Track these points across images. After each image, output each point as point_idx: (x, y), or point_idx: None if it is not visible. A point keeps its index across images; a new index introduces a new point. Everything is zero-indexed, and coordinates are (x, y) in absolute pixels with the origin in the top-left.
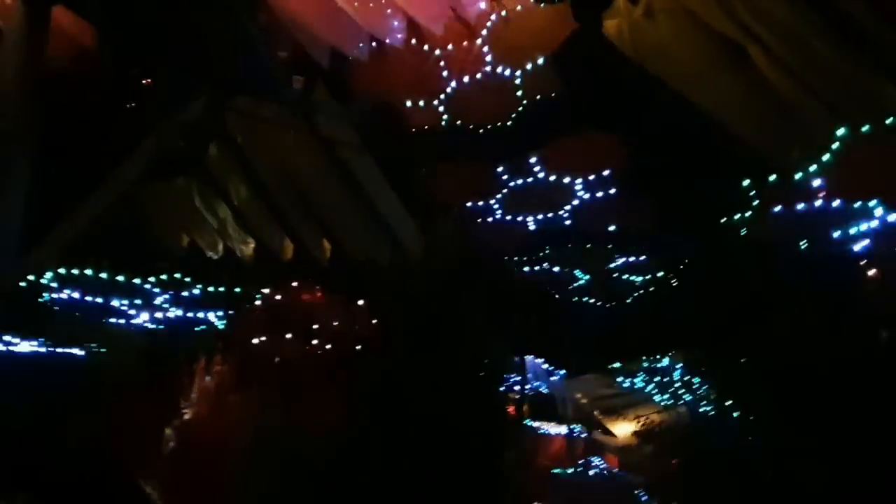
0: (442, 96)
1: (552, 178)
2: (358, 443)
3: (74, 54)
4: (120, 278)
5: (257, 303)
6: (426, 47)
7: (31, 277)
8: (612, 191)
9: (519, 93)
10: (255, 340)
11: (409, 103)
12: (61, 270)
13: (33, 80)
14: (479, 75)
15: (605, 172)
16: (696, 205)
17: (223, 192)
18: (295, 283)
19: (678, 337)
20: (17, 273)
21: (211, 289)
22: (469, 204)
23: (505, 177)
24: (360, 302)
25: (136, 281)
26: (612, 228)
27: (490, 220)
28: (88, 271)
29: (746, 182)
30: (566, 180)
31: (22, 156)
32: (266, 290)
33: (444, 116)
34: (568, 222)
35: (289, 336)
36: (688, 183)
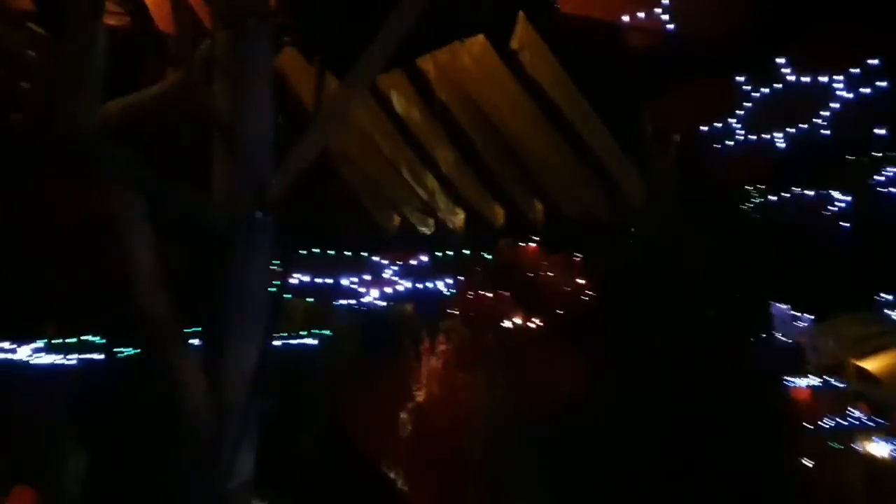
0: (664, 1)
1: (806, 79)
2: (598, 409)
3: None
4: (347, 254)
5: (477, 271)
6: None
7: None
8: (882, 84)
9: None
10: (479, 312)
11: (625, 18)
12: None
13: None
14: None
15: (873, 62)
16: None
17: (430, 159)
18: (511, 247)
19: None
20: (275, 183)
21: (434, 256)
22: (702, 128)
23: (746, 88)
24: (583, 260)
25: (364, 254)
26: (881, 132)
27: (728, 143)
28: (316, 251)
29: None
30: (823, 80)
31: (263, 53)
32: (484, 257)
33: (669, 28)
34: (825, 132)
35: (513, 302)
36: None
